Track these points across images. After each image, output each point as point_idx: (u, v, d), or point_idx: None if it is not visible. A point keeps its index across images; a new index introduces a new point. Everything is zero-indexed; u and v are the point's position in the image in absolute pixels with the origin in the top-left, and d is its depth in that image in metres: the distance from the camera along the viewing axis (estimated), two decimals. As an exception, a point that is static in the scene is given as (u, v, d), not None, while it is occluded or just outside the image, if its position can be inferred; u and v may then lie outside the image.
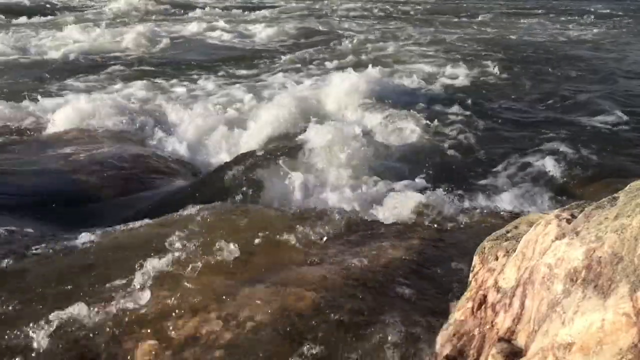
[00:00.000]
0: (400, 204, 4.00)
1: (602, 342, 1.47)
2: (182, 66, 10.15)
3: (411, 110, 6.88)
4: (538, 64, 10.19)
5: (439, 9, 21.16)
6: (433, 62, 10.08)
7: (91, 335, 2.48)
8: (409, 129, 6.13)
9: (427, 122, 6.44)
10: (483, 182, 4.90)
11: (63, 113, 6.48)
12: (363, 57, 10.95)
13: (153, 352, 2.38)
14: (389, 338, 2.41)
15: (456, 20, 17.53)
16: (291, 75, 9.32)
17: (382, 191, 4.32)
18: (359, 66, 10.01)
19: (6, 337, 2.44)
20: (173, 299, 2.68)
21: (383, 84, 7.97)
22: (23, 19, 16.38)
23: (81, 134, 6.03)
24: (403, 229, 3.68)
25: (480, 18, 18.22)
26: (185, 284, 2.79)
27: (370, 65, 8.80)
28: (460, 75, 9.28)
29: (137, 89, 8.13)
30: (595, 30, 14.74)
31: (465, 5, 21.34)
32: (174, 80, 8.96)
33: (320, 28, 15.34)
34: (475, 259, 2.28)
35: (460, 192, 4.48)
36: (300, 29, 14.92)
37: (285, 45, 12.96)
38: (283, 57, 11.05)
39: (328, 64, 10.24)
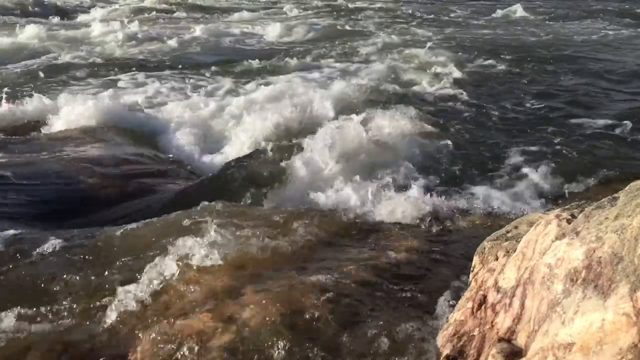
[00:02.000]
0: (399, 204, 3.99)
1: (602, 342, 1.47)
2: (187, 67, 10.11)
3: (411, 110, 6.87)
4: (545, 64, 10.16)
5: (461, 8, 21.03)
6: (437, 61, 10.05)
7: (92, 334, 2.49)
8: (409, 129, 6.13)
9: (427, 122, 6.44)
10: (483, 182, 4.90)
11: (64, 113, 6.48)
12: (376, 55, 10.87)
13: (153, 352, 2.38)
14: (390, 338, 2.41)
15: (476, 22, 17.35)
16: (300, 74, 9.29)
17: (381, 192, 4.32)
18: (367, 64, 10.01)
19: (9, 335, 2.44)
20: (172, 299, 2.68)
21: (385, 83, 7.97)
22: (31, 19, 16.37)
23: (81, 134, 6.02)
24: (402, 229, 3.68)
25: (500, 17, 18.08)
26: (185, 285, 2.79)
27: (376, 64, 8.77)
28: (463, 75, 9.25)
29: (140, 89, 8.11)
30: (613, 32, 14.56)
31: (494, 5, 21.16)
32: (178, 81, 8.92)
33: (339, 27, 15.23)
34: (475, 259, 2.28)
35: (460, 192, 4.48)
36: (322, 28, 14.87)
37: (301, 43, 12.85)
38: (294, 56, 11.00)
39: (338, 64, 10.19)
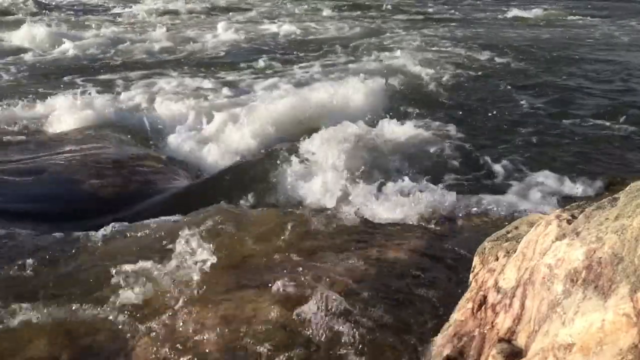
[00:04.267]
0: (399, 204, 4.00)
1: (602, 343, 1.47)
2: (196, 66, 10.08)
3: (412, 110, 6.88)
4: (548, 64, 10.16)
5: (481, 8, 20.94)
6: (434, 63, 10.05)
7: (92, 333, 2.49)
8: (409, 129, 6.13)
9: (428, 121, 6.44)
10: (483, 182, 4.90)
11: (63, 113, 6.48)
12: (388, 55, 10.85)
13: (152, 351, 2.38)
14: (389, 339, 2.41)
15: (500, 22, 17.19)
16: (306, 74, 9.28)
17: (382, 191, 4.32)
18: (377, 63, 10.01)
19: (11, 330, 2.45)
20: (173, 298, 2.68)
21: (389, 83, 7.97)
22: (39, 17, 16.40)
23: (81, 134, 6.03)
24: (403, 229, 3.68)
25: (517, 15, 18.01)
26: (185, 284, 2.79)
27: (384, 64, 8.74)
28: (468, 75, 9.25)
29: (143, 89, 8.10)
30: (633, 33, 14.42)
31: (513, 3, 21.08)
32: (183, 81, 8.87)
33: (358, 27, 15.14)
34: (476, 260, 2.28)
35: (460, 192, 4.47)
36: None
37: (313, 43, 12.75)
38: (307, 56, 10.97)
39: (350, 64, 10.16)
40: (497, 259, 2.16)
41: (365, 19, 17.26)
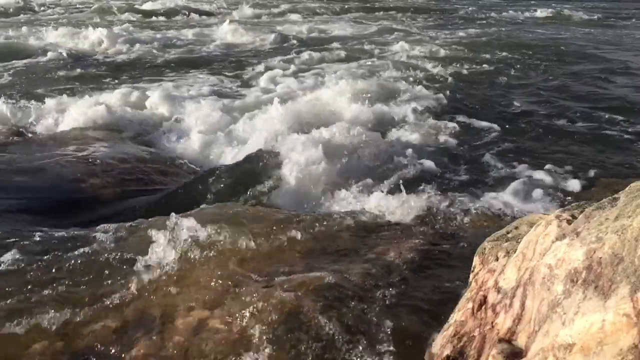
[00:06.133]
0: (400, 205, 3.99)
1: (603, 343, 1.47)
2: (193, 66, 10.07)
3: (412, 110, 6.88)
4: (547, 64, 10.16)
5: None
6: (443, 62, 10.05)
7: (93, 332, 2.49)
8: (409, 128, 6.14)
9: (428, 122, 6.44)
10: (483, 182, 4.90)
11: (63, 113, 6.48)
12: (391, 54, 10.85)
13: (155, 348, 2.39)
14: (390, 339, 2.41)
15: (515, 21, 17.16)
16: (307, 74, 9.30)
17: (383, 192, 4.32)
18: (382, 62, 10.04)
19: (9, 331, 2.45)
20: (173, 297, 2.69)
21: (387, 83, 7.97)
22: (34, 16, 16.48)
23: (81, 134, 6.03)
24: (403, 230, 3.68)
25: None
26: (186, 283, 2.79)
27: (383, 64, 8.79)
28: (466, 74, 9.26)
29: (143, 89, 8.10)
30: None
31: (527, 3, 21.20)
32: (184, 82, 8.89)
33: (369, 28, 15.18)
34: (476, 260, 2.28)
35: (460, 193, 4.48)
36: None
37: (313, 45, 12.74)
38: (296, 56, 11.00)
39: (354, 62, 10.19)
40: (497, 259, 2.16)
41: (382, 19, 17.28)
